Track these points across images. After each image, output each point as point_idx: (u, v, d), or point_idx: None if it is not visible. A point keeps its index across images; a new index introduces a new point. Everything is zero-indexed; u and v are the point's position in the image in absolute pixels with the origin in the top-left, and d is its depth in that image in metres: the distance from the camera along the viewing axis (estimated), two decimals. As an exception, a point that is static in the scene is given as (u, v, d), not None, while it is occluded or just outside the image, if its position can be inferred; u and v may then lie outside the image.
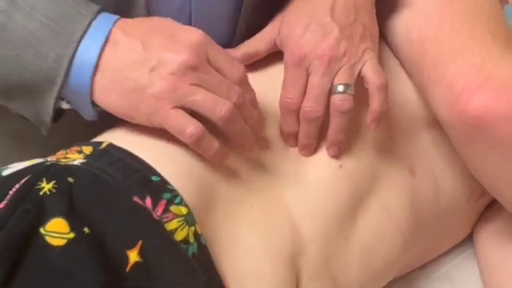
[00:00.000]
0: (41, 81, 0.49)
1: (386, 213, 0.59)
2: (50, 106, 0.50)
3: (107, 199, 0.44)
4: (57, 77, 0.48)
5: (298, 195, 0.55)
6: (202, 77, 0.49)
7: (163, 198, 0.47)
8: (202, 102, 0.49)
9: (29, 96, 0.50)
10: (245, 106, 0.51)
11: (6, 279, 0.38)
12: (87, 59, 0.48)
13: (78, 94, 0.50)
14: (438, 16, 0.57)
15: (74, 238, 0.41)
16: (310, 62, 0.54)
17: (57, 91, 0.49)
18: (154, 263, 0.43)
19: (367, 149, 0.59)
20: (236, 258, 0.50)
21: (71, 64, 0.48)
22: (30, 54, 0.48)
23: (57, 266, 0.39)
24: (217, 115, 0.49)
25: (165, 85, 0.48)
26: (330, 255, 0.55)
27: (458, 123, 0.55)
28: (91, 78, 0.49)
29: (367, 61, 0.55)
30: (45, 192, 0.42)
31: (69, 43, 0.48)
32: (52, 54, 0.48)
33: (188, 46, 0.49)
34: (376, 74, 0.55)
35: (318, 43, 0.54)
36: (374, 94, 0.55)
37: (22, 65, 0.49)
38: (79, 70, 0.48)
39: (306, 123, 0.55)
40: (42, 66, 0.48)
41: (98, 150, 0.49)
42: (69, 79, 0.49)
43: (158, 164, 0.48)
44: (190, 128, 0.48)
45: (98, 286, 0.40)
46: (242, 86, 0.51)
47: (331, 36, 0.54)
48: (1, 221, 0.40)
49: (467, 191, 0.65)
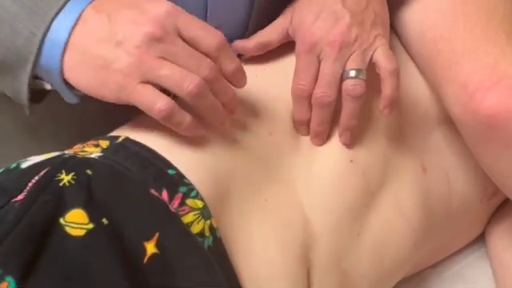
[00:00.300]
0: (14, 57, 0.49)
1: (397, 209, 0.59)
2: (25, 84, 0.50)
3: (125, 191, 0.44)
4: (29, 54, 0.48)
5: (309, 189, 0.56)
6: (169, 49, 0.47)
7: (179, 192, 0.47)
8: (168, 76, 0.47)
9: (4, 72, 0.50)
10: (217, 81, 0.49)
11: (27, 268, 0.38)
12: (58, 38, 0.48)
13: (50, 72, 0.49)
14: (452, 16, 0.58)
15: (93, 228, 0.41)
16: (322, 49, 0.55)
17: (29, 69, 0.49)
18: (170, 255, 0.43)
19: (379, 145, 0.59)
20: (249, 251, 0.51)
21: (43, 42, 0.48)
22: (5, 30, 0.48)
23: (77, 255, 0.40)
24: (184, 90, 0.47)
25: (130, 59, 0.46)
26: (340, 250, 0.56)
27: (471, 122, 0.55)
28: (61, 56, 0.48)
29: (378, 47, 0.56)
30: (64, 183, 0.43)
31: (42, 21, 0.48)
32: (25, 32, 0.48)
33: (153, 17, 0.47)
34: (388, 59, 0.55)
35: (329, 29, 0.54)
36: (386, 79, 0.55)
37: None
38: (50, 49, 0.48)
39: (319, 109, 0.55)
40: (16, 43, 0.48)
41: (115, 144, 0.50)
42: (40, 57, 0.48)
43: (174, 158, 0.49)
44: (158, 104, 0.47)
45: (118, 276, 0.40)
46: (220, 54, 0.49)
47: (342, 22, 0.55)
48: (21, 211, 0.40)
49: (480, 190, 0.65)
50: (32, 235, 0.39)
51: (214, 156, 0.52)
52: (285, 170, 0.55)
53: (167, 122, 0.48)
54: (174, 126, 0.49)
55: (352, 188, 0.57)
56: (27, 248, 0.39)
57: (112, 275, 0.40)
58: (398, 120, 0.61)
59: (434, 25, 0.58)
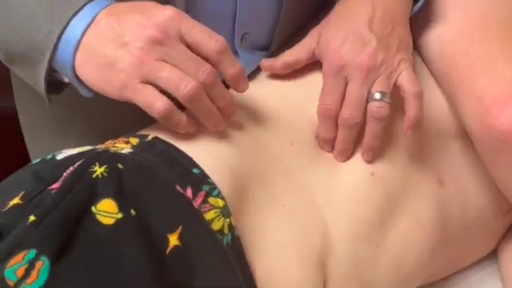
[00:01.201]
0: (33, 52, 0.53)
1: (416, 222, 0.61)
2: (42, 77, 0.53)
3: (152, 186, 0.47)
4: (46, 50, 0.52)
5: (329, 199, 0.57)
6: (169, 52, 0.49)
7: (202, 190, 0.50)
8: (166, 78, 0.49)
9: (25, 64, 0.55)
10: (214, 85, 0.51)
11: (61, 251, 0.41)
12: (72, 36, 0.51)
13: (64, 67, 0.53)
14: (470, 31, 0.60)
15: (122, 218, 0.44)
16: (349, 72, 0.57)
17: (46, 63, 0.52)
18: (192, 249, 0.46)
19: (399, 159, 0.61)
20: (265, 254, 0.53)
21: (59, 40, 0.52)
22: (27, 26, 0.53)
23: (107, 241, 0.43)
24: (180, 93, 0.49)
25: (132, 60, 0.49)
26: (359, 260, 0.57)
27: (486, 137, 0.57)
28: (73, 53, 0.51)
29: (403, 70, 0.58)
30: (97, 175, 0.46)
31: (60, 21, 0.52)
32: (44, 29, 0.52)
33: (156, 21, 0.50)
34: (412, 82, 0.58)
35: (357, 53, 0.57)
36: (410, 102, 0.57)
37: (18, 35, 0.53)
38: (65, 46, 0.52)
39: (346, 129, 0.57)
40: (35, 39, 0.52)
41: (144, 142, 0.53)
42: (57, 53, 0.52)
43: (199, 157, 0.51)
44: (157, 104, 0.49)
45: (145, 264, 0.43)
46: (221, 59, 0.51)
47: (369, 46, 0.57)
48: (57, 198, 0.43)
49: (495, 206, 0.67)
50: (66, 220, 0.42)
51: (235, 158, 0.54)
52: (304, 178, 0.57)
53: (165, 122, 0.51)
54: (171, 125, 0.52)
55: (372, 200, 0.58)
56: (61, 232, 0.42)
57: (139, 263, 0.43)
58: (418, 136, 0.62)
59: (452, 40, 0.60)
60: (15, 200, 0.45)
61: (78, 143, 0.54)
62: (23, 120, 0.76)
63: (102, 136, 0.55)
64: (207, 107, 0.52)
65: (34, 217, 0.42)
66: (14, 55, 0.55)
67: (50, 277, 0.40)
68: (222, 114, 0.53)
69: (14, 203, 0.44)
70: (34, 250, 0.41)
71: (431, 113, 0.63)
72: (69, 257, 0.41)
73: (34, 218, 0.42)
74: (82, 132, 0.68)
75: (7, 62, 0.57)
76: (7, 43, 0.55)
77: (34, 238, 0.41)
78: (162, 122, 0.52)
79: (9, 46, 0.55)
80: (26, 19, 0.53)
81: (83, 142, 0.55)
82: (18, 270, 0.40)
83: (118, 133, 0.55)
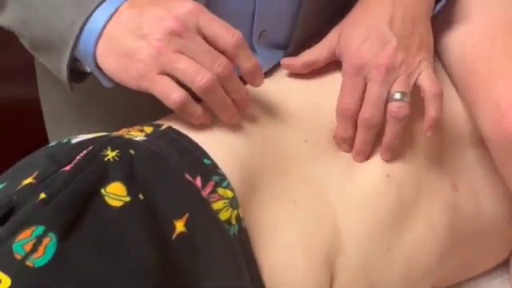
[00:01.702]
0: (57, 40, 0.54)
1: (429, 225, 0.60)
2: (65, 65, 0.55)
3: (162, 172, 0.48)
4: (69, 39, 0.54)
5: (342, 198, 0.57)
6: (187, 44, 0.50)
7: (212, 180, 0.51)
8: (183, 70, 0.50)
9: (49, 51, 0.56)
10: (229, 78, 0.52)
11: (69, 229, 0.42)
12: (95, 27, 0.53)
13: (86, 57, 0.54)
14: (492, 37, 0.59)
15: (129, 201, 0.45)
16: (369, 71, 0.57)
17: (69, 52, 0.54)
18: (197, 236, 0.47)
19: (415, 162, 0.60)
20: (273, 249, 0.53)
21: (82, 30, 0.53)
22: (53, 15, 0.54)
23: (113, 223, 0.44)
24: (196, 84, 0.51)
25: (150, 51, 0.51)
26: (368, 262, 0.57)
27: (500, 141, 0.56)
28: (95, 43, 0.53)
29: (423, 71, 0.58)
30: (109, 159, 0.47)
31: (84, 11, 0.53)
32: (69, 19, 0.53)
33: (176, 14, 0.51)
34: (432, 82, 0.57)
35: (377, 53, 0.57)
36: (430, 102, 0.57)
37: (44, 22, 0.55)
38: (87, 36, 0.53)
39: (365, 129, 0.57)
40: (60, 27, 0.54)
41: (158, 131, 0.54)
42: (79, 44, 0.54)
43: (211, 148, 0.52)
44: (173, 95, 0.51)
45: (150, 246, 0.44)
46: (237, 53, 0.52)
47: (389, 46, 0.57)
48: (69, 178, 0.45)
49: (508, 213, 0.66)
50: (75, 200, 0.43)
51: (247, 151, 0.55)
52: (318, 176, 0.57)
53: (181, 112, 0.52)
54: (187, 116, 0.53)
55: (386, 201, 0.58)
56: (70, 211, 0.43)
57: (144, 245, 0.44)
58: (436, 139, 0.62)
59: (473, 46, 0.60)
60: (29, 179, 0.46)
61: (97, 132, 0.55)
62: (46, 109, 0.78)
63: (120, 125, 0.57)
64: (222, 99, 0.53)
65: (44, 195, 0.43)
66: (39, 42, 0.57)
67: (56, 253, 0.41)
68: (236, 107, 0.54)
69: (27, 182, 0.46)
70: (42, 226, 0.42)
71: (448, 117, 0.63)
72: (76, 235, 0.42)
73: (44, 195, 0.43)
74: (101, 121, 0.69)
75: (32, 49, 0.59)
76: (32, 30, 0.56)
77: (43, 214, 0.42)
78: (178, 112, 0.53)
79: (33, 33, 0.56)
80: (52, 7, 0.54)
81: (103, 130, 0.57)
82: (26, 244, 0.41)
83: (136, 122, 0.56)
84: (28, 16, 0.56)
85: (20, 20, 0.56)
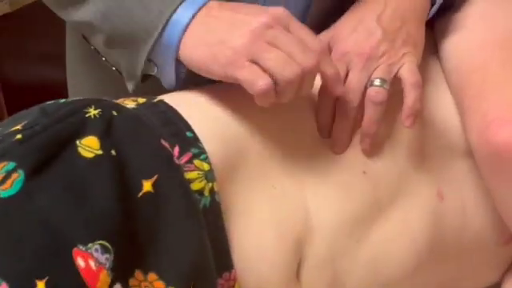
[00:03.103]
0: (141, 32, 0.56)
1: (404, 229, 0.60)
2: (143, 58, 0.57)
3: (139, 134, 0.51)
4: (154, 30, 0.56)
5: (317, 188, 0.58)
6: (279, 37, 0.53)
7: (190, 151, 0.53)
8: (273, 59, 0.52)
9: (127, 45, 0.58)
10: (311, 74, 0.54)
11: (37, 169, 0.45)
12: (181, 18, 0.56)
13: (167, 49, 0.56)
14: (490, 49, 0.59)
15: (101, 154, 0.47)
16: (351, 59, 0.59)
17: (151, 44, 0.56)
18: (163, 199, 0.49)
19: (396, 163, 0.61)
20: (245, 227, 0.54)
21: (168, 21, 0.55)
22: (138, 7, 0.56)
23: (82, 171, 0.46)
24: (283, 75, 0.53)
25: (243, 40, 0.53)
26: (335, 252, 0.57)
27: (484, 152, 0.56)
28: (181, 34, 0.55)
29: (405, 63, 0.59)
30: (90, 115, 0.50)
31: (171, 3, 0.56)
32: (156, 10, 0.56)
33: (271, 12, 0.54)
34: (412, 73, 0.58)
35: (361, 43, 0.59)
36: (408, 91, 0.58)
37: (129, 16, 0.57)
38: (173, 27, 0.55)
39: (341, 114, 0.59)
40: (145, 19, 0.56)
41: (150, 102, 0.56)
42: (163, 34, 0.56)
43: (197, 124, 0.54)
44: (260, 82, 0.52)
45: (112, 197, 0.46)
46: (322, 59, 0.55)
47: (373, 37, 0.59)
48: (47, 125, 0.48)
49: (496, 231, 0.64)
50: (49, 144, 0.46)
51: (235, 133, 0.57)
52: (298, 165, 0.59)
53: (260, 99, 0.54)
54: (261, 103, 0.54)
55: (359, 197, 0.59)
56: (42, 153, 0.46)
57: (107, 196, 0.46)
58: (421, 142, 0.62)
59: (470, 57, 0.60)
60: (17, 127, 0.49)
61: None
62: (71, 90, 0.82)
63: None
64: (296, 93, 0.55)
65: (20, 136, 0.46)
66: (118, 36, 0.59)
67: (22, 188, 0.44)
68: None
69: (14, 128, 0.49)
70: (13, 162, 0.45)
71: (438, 123, 0.63)
72: (44, 176, 0.45)
73: (20, 136, 0.46)
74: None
75: (106, 45, 0.61)
76: (114, 23, 0.58)
77: (15, 152, 0.45)
78: (258, 99, 0.54)
79: (115, 26, 0.58)
80: (139, 0, 0.56)
81: None
82: (-4, 176, 0.44)
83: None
84: (112, 9, 0.57)
85: (102, 13, 0.58)
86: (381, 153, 0.60)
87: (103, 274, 0.44)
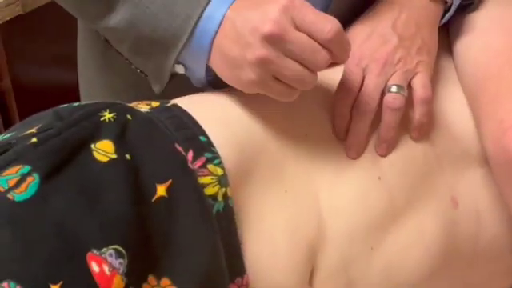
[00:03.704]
0: (169, 37, 0.56)
1: (419, 236, 0.60)
2: (172, 61, 0.57)
3: (153, 138, 0.51)
4: (183, 34, 0.55)
5: (332, 194, 0.58)
6: (287, 47, 0.52)
7: (204, 156, 0.52)
8: (290, 77, 0.53)
9: (155, 50, 0.58)
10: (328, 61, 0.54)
11: (52, 172, 0.45)
12: (211, 23, 0.55)
13: (198, 53, 0.56)
14: (506, 56, 0.59)
15: (115, 158, 0.47)
16: (367, 64, 0.59)
17: (180, 48, 0.56)
18: (177, 204, 0.48)
19: (412, 168, 0.60)
20: (257, 232, 0.54)
21: (196, 24, 0.55)
22: (165, 13, 0.56)
23: (96, 175, 0.46)
24: (303, 87, 0.54)
25: (257, 60, 0.52)
26: (349, 259, 0.57)
27: (500, 159, 0.55)
28: (212, 38, 0.55)
29: (419, 72, 0.59)
30: (105, 119, 0.50)
31: (197, 6, 0.55)
32: (182, 14, 0.55)
33: (271, 17, 0.52)
34: (423, 86, 0.58)
35: (377, 49, 0.59)
36: (417, 106, 0.59)
37: (156, 22, 0.56)
38: (203, 30, 0.55)
39: (357, 117, 0.58)
40: (173, 24, 0.55)
41: (164, 106, 0.56)
42: (192, 38, 0.55)
43: (211, 128, 0.54)
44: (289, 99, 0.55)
45: (126, 202, 0.46)
46: (331, 47, 0.53)
47: (390, 44, 0.59)
48: (62, 128, 0.48)
49: (511, 240, 0.64)
50: (64, 148, 0.46)
51: (249, 138, 0.56)
52: (313, 171, 0.58)
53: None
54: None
55: (374, 204, 0.58)
56: (57, 157, 0.46)
57: (121, 199, 0.46)
58: (435, 149, 0.62)
59: (486, 63, 0.60)
60: (31, 130, 0.49)
61: None
62: (82, 89, 0.83)
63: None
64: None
65: (35, 139, 0.46)
66: (144, 42, 0.58)
67: (37, 192, 0.44)
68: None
69: (29, 132, 0.49)
70: (28, 166, 0.45)
71: (454, 130, 0.62)
72: (59, 180, 0.45)
73: (35, 139, 0.46)
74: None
75: (132, 51, 0.61)
76: (140, 30, 0.57)
77: (30, 155, 0.45)
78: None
79: (141, 33, 0.57)
80: (163, 5, 0.56)
81: None
82: (11, 180, 0.44)
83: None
84: (138, 16, 0.57)
85: (128, 21, 0.57)
86: (396, 159, 0.60)
87: (117, 279, 0.44)
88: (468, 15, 0.64)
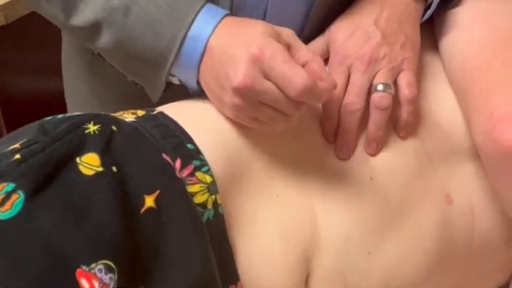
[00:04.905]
0: (157, 57, 0.56)
1: (416, 237, 0.59)
2: (162, 80, 0.57)
3: (139, 149, 0.50)
4: (169, 54, 0.55)
5: (325, 197, 0.57)
6: (260, 96, 0.52)
7: (192, 164, 0.52)
8: (266, 117, 0.54)
9: (144, 69, 0.58)
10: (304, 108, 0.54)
11: (37, 189, 0.44)
12: (197, 41, 0.55)
13: (186, 71, 0.56)
14: (492, 50, 0.59)
15: (102, 171, 0.47)
16: (352, 62, 0.58)
17: (168, 66, 0.56)
18: (166, 214, 0.48)
19: (403, 167, 0.60)
20: (251, 238, 0.53)
21: (182, 45, 0.55)
22: (150, 34, 0.56)
23: (82, 189, 0.45)
24: (277, 129, 0.55)
25: (232, 106, 0.54)
26: (346, 264, 0.56)
27: (491, 152, 0.55)
28: (199, 61, 0.55)
29: (405, 70, 0.59)
30: (89, 132, 0.49)
31: (182, 27, 0.55)
32: (168, 34, 0.55)
33: (242, 73, 0.51)
34: (409, 86, 0.58)
35: (361, 46, 0.58)
36: (403, 106, 0.58)
37: (142, 43, 0.56)
38: (190, 50, 0.55)
39: (345, 117, 0.58)
40: (159, 45, 0.55)
41: (149, 115, 0.55)
42: (180, 57, 0.55)
43: (198, 136, 0.54)
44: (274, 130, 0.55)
45: (114, 215, 0.45)
46: (302, 99, 0.52)
47: (373, 40, 0.58)
48: (46, 143, 0.47)
49: (506, 232, 0.63)
50: (48, 163, 0.46)
51: (237, 143, 0.56)
52: (303, 173, 0.58)
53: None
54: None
55: (368, 205, 0.58)
56: (42, 173, 0.45)
57: (109, 213, 0.45)
58: (426, 146, 0.61)
59: (473, 57, 0.60)
60: (15, 145, 0.48)
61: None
62: (69, 100, 0.82)
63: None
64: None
65: (19, 155, 0.46)
66: (133, 62, 0.58)
67: (22, 210, 0.43)
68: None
69: (13, 147, 0.48)
70: (12, 183, 0.44)
71: (444, 126, 0.62)
72: (43, 196, 0.44)
73: (19, 156, 0.45)
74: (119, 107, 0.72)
75: (122, 69, 0.61)
76: (128, 51, 0.57)
77: (15, 173, 0.44)
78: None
79: (129, 54, 0.57)
80: (148, 27, 0.56)
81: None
82: (-5, 198, 0.43)
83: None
84: (124, 38, 0.57)
85: (116, 42, 0.57)
86: (387, 158, 0.59)
87: (108, 294, 0.43)
88: (451, 10, 0.64)
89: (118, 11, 0.56)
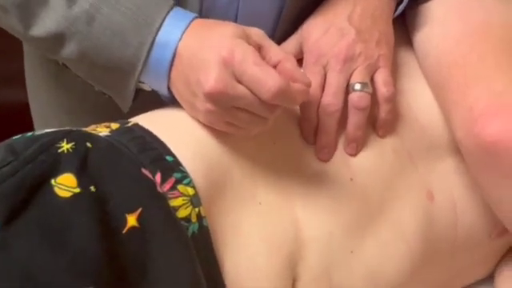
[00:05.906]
0: (125, 65, 0.54)
1: (397, 234, 0.59)
2: (131, 89, 0.56)
3: (117, 166, 0.48)
4: (137, 62, 0.54)
5: (305, 200, 0.57)
6: (233, 102, 0.51)
7: (173, 177, 0.50)
8: (241, 120, 0.52)
9: (112, 79, 0.56)
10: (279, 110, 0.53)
11: (12, 216, 0.42)
12: (165, 47, 0.53)
13: (156, 78, 0.55)
14: (468, 44, 0.58)
15: (79, 192, 0.44)
16: (327, 61, 0.57)
17: (137, 75, 0.54)
18: (150, 232, 0.46)
19: (383, 166, 0.59)
20: (236, 247, 0.52)
21: (150, 51, 0.53)
22: (116, 42, 0.54)
23: (60, 213, 0.43)
24: (256, 131, 0.54)
25: (205, 112, 0.52)
26: (330, 265, 0.56)
27: (472, 147, 0.55)
28: (168, 68, 0.54)
29: (381, 67, 0.58)
30: (63, 150, 0.46)
31: (149, 33, 0.53)
32: (135, 42, 0.53)
33: (213, 77, 0.50)
34: (386, 84, 0.58)
35: (335, 43, 0.57)
36: (381, 104, 0.58)
37: (108, 52, 0.54)
38: (159, 57, 0.54)
39: (324, 118, 0.57)
40: (126, 53, 0.54)
41: (124, 127, 0.53)
42: (148, 64, 0.54)
43: (176, 146, 0.52)
44: (250, 134, 0.54)
45: (95, 237, 0.43)
46: (276, 102, 0.51)
47: (348, 37, 0.57)
48: (18, 165, 0.44)
49: (489, 225, 0.64)
50: (21, 188, 0.43)
51: (216, 151, 0.54)
52: (283, 178, 0.57)
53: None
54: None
55: (349, 205, 0.57)
56: (15, 198, 0.42)
57: (89, 237, 0.43)
58: (406, 144, 0.61)
59: (450, 51, 0.59)
60: (-16, 168, 0.46)
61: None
62: (34, 109, 0.79)
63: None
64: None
65: None
66: (99, 72, 0.57)
67: None
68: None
69: (-19, 171, 0.45)
70: None
71: (422, 122, 0.62)
72: (18, 223, 0.42)
73: None
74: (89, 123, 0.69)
75: (89, 79, 0.59)
76: (94, 61, 0.55)
77: None
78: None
79: (96, 63, 0.56)
80: (113, 35, 0.54)
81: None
82: (-32, 229, 0.41)
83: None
84: (90, 47, 0.55)
85: (81, 52, 0.56)
86: (366, 158, 0.59)
87: (94, 322, 0.41)
88: (424, 5, 0.63)
89: (81, 20, 0.54)
